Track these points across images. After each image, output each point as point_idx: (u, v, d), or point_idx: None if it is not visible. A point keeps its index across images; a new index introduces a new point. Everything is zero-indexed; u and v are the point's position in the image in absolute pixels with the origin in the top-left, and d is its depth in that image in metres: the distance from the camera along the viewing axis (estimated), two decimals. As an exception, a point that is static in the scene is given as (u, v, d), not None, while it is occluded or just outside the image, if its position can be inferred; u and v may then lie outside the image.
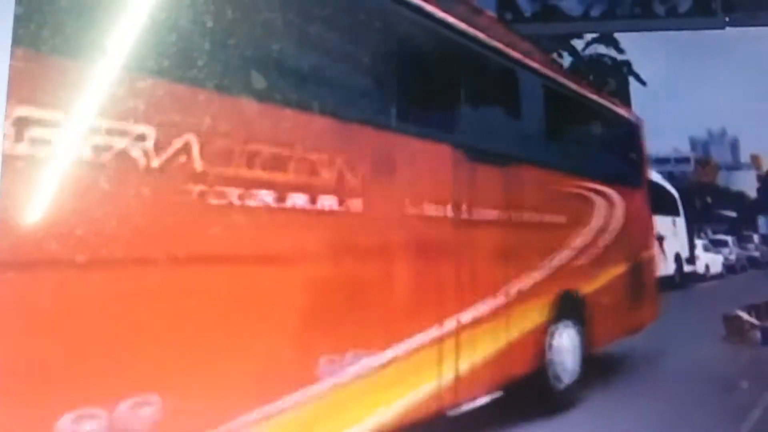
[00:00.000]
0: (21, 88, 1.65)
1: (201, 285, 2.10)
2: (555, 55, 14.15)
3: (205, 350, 2.09)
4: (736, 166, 14.33)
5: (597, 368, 7.22)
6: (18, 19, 1.57)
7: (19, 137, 1.70)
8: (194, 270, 2.08)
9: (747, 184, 13.99)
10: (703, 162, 13.49)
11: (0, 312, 1.70)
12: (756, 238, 15.07)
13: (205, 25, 2.18)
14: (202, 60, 2.15)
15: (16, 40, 1.57)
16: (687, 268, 11.49)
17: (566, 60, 15.98)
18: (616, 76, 16.64)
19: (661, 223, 11.11)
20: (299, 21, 2.57)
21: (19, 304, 1.75)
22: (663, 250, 11.27)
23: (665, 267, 11.29)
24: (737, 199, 13.54)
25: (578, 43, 16.11)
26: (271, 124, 2.39)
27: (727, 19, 7.39)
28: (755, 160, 14.43)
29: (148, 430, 1.98)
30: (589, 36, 16.01)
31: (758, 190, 13.56)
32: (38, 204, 1.78)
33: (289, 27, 2.51)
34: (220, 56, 2.23)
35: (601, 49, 17.21)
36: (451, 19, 3.45)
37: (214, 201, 2.13)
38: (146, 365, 1.96)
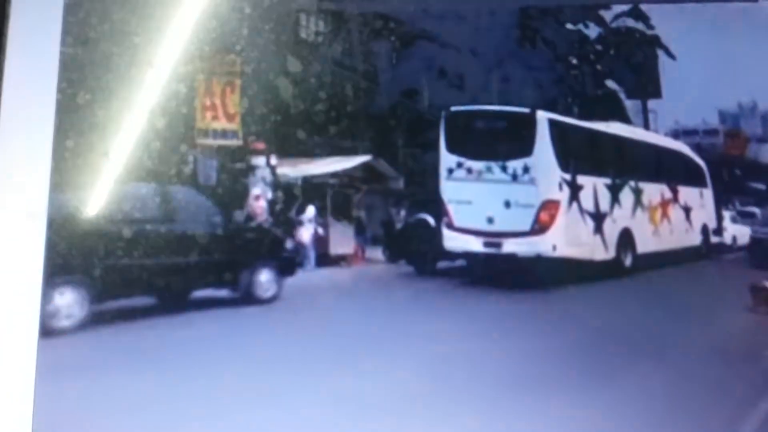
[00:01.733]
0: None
1: None
2: (581, 26, 14.14)
3: None
4: (765, 138, 14.18)
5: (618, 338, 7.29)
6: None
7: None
8: None
9: (777, 157, 13.88)
10: (732, 134, 13.38)
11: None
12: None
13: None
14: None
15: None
16: (714, 239, 11.49)
17: (593, 31, 15.91)
18: (645, 50, 16.52)
19: (688, 195, 11.12)
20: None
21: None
22: (690, 221, 11.29)
23: (692, 238, 11.32)
24: (767, 171, 13.42)
25: (607, 16, 15.98)
26: None
27: (760, -10, 7.35)
28: (785, 134, 14.33)
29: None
30: (617, 8, 15.90)
31: (788, 164, 13.48)
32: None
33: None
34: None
35: (630, 22, 17.08)
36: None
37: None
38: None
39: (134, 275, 7.35)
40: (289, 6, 8.59)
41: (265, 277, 8.35)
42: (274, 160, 8.91)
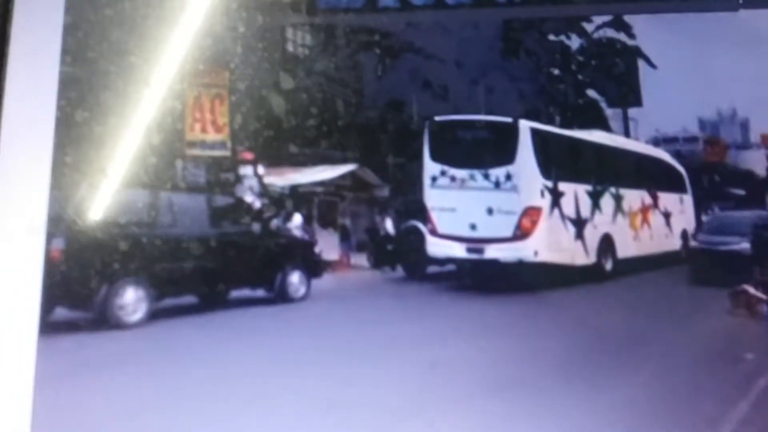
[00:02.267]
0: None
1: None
2: (563, 37, 14.40)
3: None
4: (745, 145, 14.47)
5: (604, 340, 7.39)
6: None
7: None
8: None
9: (756, 163, 14.14)
10: (712, 141, 13.66)
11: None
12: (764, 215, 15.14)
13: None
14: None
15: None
16: (693, 243, 11.73)
17: (575, 42, 16.20)
18: (626, 60, 16.80)
19: (668, 201, 11.36)
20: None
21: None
22: (670, 227, 11.53)
23: (672, 242, 11.57)
24: (746, 177, 13.70)
25: (590, 27, 16.25)
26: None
27: (740, 0, 7.56)
28: (766, 140, 14.60)
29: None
30: (599, 19, 16.20)
31: (767, 169, 13.75)
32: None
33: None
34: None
35: (611, 32, 17.36)
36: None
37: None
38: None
39: (185, 276, 8.02)
40: (277, 20, 8.82)
41: (296, 278, 8.90)
42: (261, 170, 9.13)
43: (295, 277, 8.92)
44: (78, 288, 7.12)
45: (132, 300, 7.45)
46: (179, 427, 4.94)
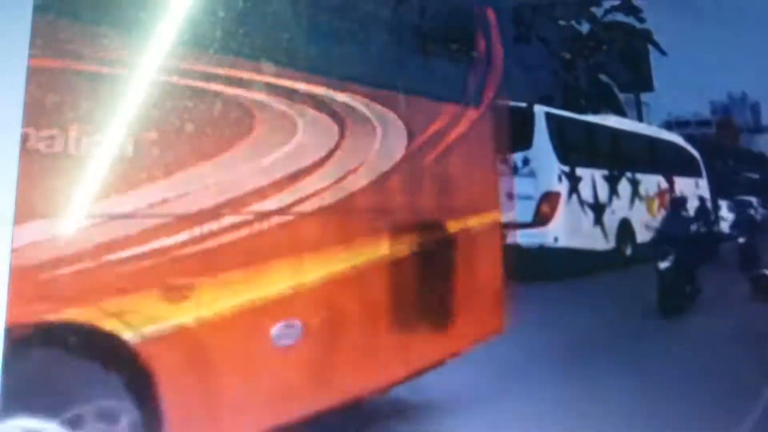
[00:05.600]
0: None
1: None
2: (573, 22, 14.35)
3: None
4: (757, 128, 14.39)
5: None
6: None
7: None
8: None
9: (768, 147, 14.10)
10: (724, 125, 13.58)
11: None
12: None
13: None
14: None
15: None
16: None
17: (584, 27, 16.13)
18: (636, 44, 16.74)
19: (684, 185, 11.30)
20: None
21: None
22: (687, 211, 11.46)
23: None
24: (759, 161, 13.65)
25: (599, 11, 16.17)
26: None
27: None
28: (777, 124, 14.54)
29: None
30: (608, 3, 16.12)
31: (779, 153, 13.71)
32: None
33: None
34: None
35: (620, 17, 17.29)
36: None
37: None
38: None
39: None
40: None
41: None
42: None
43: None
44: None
45: None
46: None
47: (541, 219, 9.51)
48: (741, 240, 9.83)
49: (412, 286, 3.59)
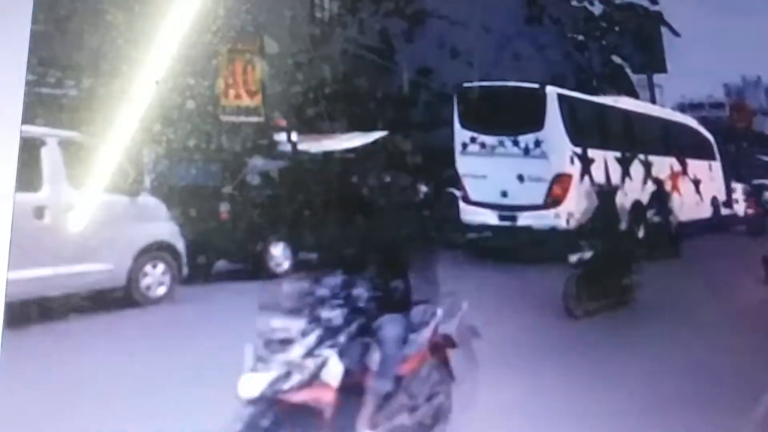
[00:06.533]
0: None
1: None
2: (586, 3, 14.18)
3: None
4: (770, 111, 14.29)
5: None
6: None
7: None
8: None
9: (782, 129, 13.99)
10: (738, 107, 13.46)
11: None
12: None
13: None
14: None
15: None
16: (725, 211, 11.64)
17: (597, 8, 15.96)
18: (649, 25, 16.58)
19: (697, 168, 11.23)
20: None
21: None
22: (700, 194, 11.41)
23: (702, 210, 11.46)
24: (772, 144, 13.56)
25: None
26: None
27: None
28: (790, 107, 14.42)
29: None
30: (621, -16, 15.94)
31: (792, 136, 13.60)
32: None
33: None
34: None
35: (634, -2, 17.11)
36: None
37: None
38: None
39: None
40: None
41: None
42: (295, 137, 9.02)
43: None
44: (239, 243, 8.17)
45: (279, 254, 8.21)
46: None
47: (552, 201, 9.47)
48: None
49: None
